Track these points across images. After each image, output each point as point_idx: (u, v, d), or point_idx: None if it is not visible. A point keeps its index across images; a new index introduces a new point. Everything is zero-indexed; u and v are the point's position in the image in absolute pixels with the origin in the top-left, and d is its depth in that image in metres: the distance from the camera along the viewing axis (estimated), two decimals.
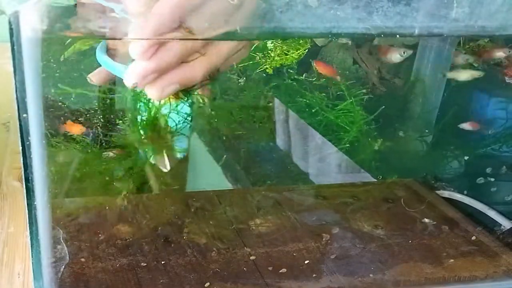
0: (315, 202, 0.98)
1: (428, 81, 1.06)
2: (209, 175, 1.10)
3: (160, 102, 0.72)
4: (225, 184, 1.07)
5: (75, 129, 0.92)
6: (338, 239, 0.86)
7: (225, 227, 0.87)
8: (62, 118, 0.91)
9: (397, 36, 0.67)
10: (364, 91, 1.01)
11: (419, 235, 0.89)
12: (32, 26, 0.52)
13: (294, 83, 1.04)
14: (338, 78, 1.01)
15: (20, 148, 0.57)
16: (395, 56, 0.98)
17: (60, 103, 0.90)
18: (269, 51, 1.02)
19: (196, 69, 0.64)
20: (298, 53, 1.04)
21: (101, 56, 0.70)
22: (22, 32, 0.52)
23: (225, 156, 1.06)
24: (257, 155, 1.10)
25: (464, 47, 1.00)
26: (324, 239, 0.86)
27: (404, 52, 0.97)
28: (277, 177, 1.10)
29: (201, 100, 0.73)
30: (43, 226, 0.62)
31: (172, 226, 0.86)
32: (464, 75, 0.99)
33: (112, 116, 0.94)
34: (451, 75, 1.01)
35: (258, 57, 1.02)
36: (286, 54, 1.03)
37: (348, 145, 1.04)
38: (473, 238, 0.89)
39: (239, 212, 0.91)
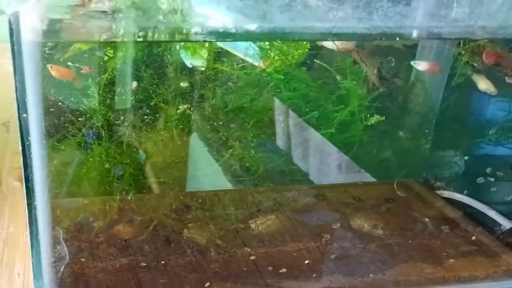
0: (315, 202, 0.98)
1: (428, 81, 1.06)
2: (209, 175, 1.10)
3: None
4: (225, 184, 1.07)
5: (63, 74, 0.83)
6: (338, 239, 0.86)
7: (225, 227, 0.87)
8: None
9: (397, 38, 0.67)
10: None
11: (419, 235, 0.89)
12: (32, 27, 0.52)
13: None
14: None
15: (20, 148, 0.57)
16: None
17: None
18: (269, 51, 1.02)
19: None
20: (298, 53, 1.04)
21: None
22: (22, 32, 0.52)
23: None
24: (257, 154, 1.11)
25: (464, 47, 1.00)
26: (324, 239, 0.86)
27: None
28: (277, 177, 1.10)
29: None
30: (43, 226, 0.62)
31: (172, 226, 0.86)
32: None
33: None
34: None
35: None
36: (286, 54, 1.03)
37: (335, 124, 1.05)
38: (473, 238, 0.89)
39: (239, 212, 0.91)
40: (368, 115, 1.03)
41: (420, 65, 0.99)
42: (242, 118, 1.06)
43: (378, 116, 1.03)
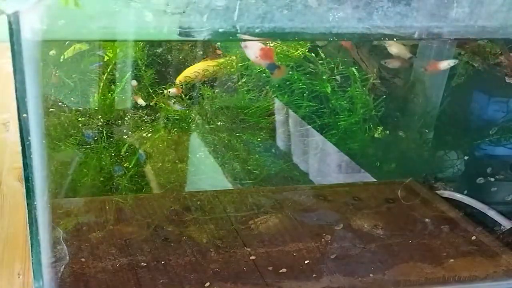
0: (315, 202, 0.98)
1: (428, 81, 1.06)
2: (209, 175, 1.10)
3: None
4: (225, 184, 1.07)
5: None
6: (338, 239, 0.86)
7: (225, 227, 0.87)
8: None
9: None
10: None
11: (419, 235, 0.89)
12: (32, 27, 0.52)
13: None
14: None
15: (20, 148, 0.57)
16: None
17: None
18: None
19: None
20: (298, 53, 1.04)
21: None
22: (22, 32, 0.52)
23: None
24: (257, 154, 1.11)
25: (464, 46, 1.00)
26: (324, 239, 0.86)
27: None
28: (277, 177, 1.10)
29: None
30: (43, 226, 0.62)
31: (172, 226, 0.86)
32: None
33: None
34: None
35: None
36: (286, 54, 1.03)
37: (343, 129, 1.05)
38: (473, 238, 0.89)
39: (239, 212, 0.91)
40: (369, 116, 1.04)
41: None
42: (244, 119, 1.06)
43: (378, 115, 1.03)
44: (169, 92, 1.00)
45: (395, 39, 0.88)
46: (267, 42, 0.89)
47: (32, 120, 0.56)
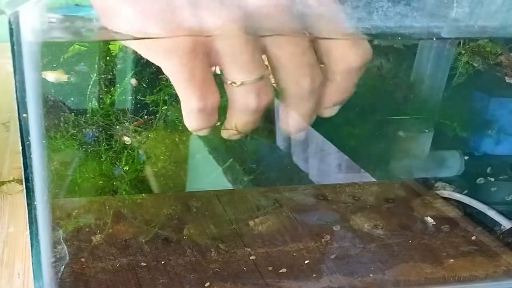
0: (315, 202, 0.98)
1: (428, 81, 1.06)
2: (209, 175, 1.10)
3: None
4: (225, 184, 1.06)
5: None
6: (338, 239, 0.86)
7: (225, 227, 0.87)
8: None
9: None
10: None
11: (419, 235, 0.89)
12: (32, 27, 0.52)
13: None
14: None
15: (20, 148, 0.57)
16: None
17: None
18: None
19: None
20: None
21: None
22: (22, 32, 0.52)
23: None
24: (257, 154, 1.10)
25: (464, 47, 1.00)
26: (324, 239, 0.86)
27: None
28: (277, 177, 1.10)
29: None
30: (43, 226, 0.62)
31: (172, 226, 0.86)
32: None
33: None
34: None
35: None
36: None
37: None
38: (473, 238, 0.89)
39: (239, 212, 0.91)
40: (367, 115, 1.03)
41: None
42: None
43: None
44: None
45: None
46: None
47: (32, 120, 0.56)
